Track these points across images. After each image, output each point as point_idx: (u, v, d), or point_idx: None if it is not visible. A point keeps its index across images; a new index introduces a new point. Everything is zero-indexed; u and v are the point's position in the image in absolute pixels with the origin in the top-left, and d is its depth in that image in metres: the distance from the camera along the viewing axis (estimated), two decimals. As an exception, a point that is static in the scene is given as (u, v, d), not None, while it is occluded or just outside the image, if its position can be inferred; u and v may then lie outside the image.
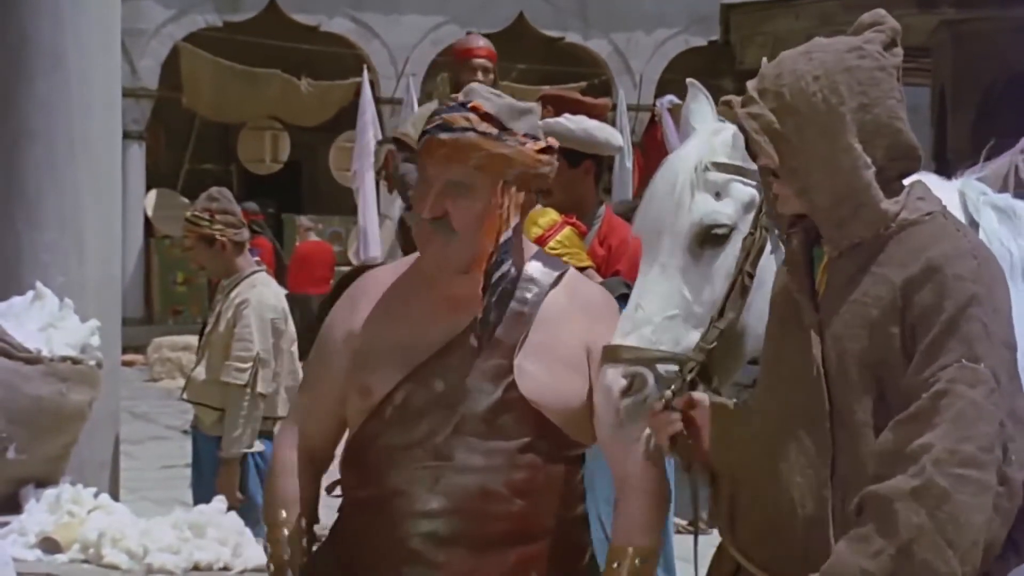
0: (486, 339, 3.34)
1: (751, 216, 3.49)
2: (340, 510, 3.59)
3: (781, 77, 2.99)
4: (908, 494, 2.77)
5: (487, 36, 26.55)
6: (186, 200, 17.16)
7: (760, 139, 2.95)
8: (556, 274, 3.46)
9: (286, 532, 3.56)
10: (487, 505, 3.31)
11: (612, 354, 3.38)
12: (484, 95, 3.38)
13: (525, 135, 3.36)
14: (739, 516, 3.09)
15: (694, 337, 3.41)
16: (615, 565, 3.37)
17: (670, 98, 20.86)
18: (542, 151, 3.38)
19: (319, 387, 3.58)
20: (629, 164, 18.18)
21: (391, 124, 23.99)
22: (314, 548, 3.60)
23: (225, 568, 5.39)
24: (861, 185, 2.97)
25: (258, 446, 7.37)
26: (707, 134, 3.59)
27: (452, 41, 26.81)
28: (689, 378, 3.34)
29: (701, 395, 3.27)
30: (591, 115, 5.92)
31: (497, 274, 3.34)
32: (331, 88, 24.54)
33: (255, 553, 5.51)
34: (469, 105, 3.34)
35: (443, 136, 3.31)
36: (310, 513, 3.61)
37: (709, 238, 3.47)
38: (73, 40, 6.83)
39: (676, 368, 3.37)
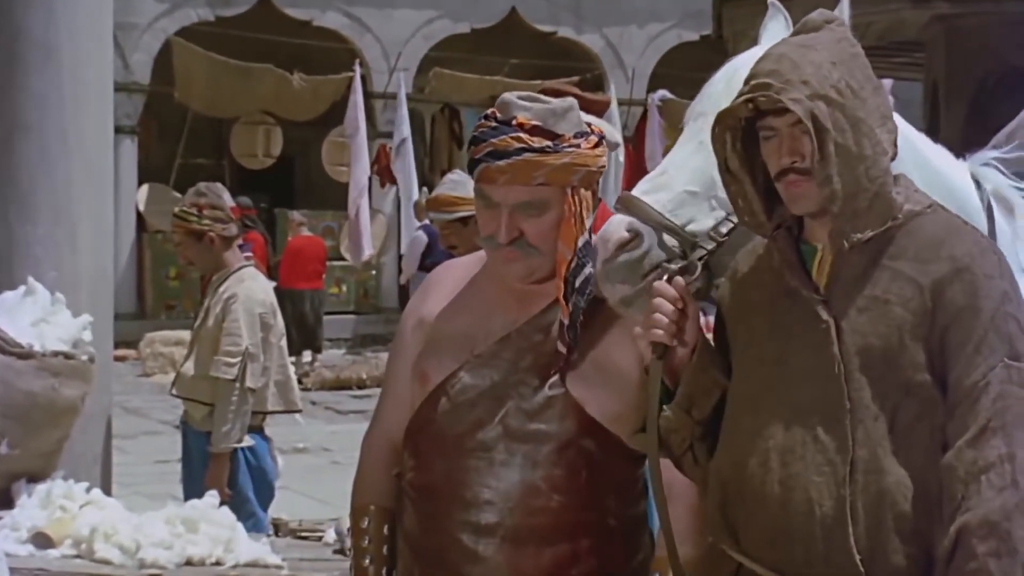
0: (573, 344, 3.32)
1: None
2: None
3: (800, 68, 2.95)
4: (1015, 509, 2.81)
5: (479, 30, 26.47)
6: (178, 195, 17.15)
7: (808, 124, 2.90)
8: None
9: (367, 521, 3.57)
10: (526, 499, 3.31)
11: (625, 203, 3.29)
12: (521, 105, 3.32)
13: (575, 136, 3.32)
14: (741, 520, 3.03)
15: (706, 223, 3.29)
16: (657, 575, 3.36)
17: (662, 93, 20.89)
18: (596, 145, 3.35)
19: (394, 376, 3.61)
20: (621, 158, 18.18)
21: (383, 119, 24.02)
22: (385, 528, 3.60)
23: (217, 563, 5.40)
24: (879, 172, 2.97)
25: (247, 441, 7.37)
26: (772, 36, 3.52)
27: (444, 36, 26.71)
28: (699, 267, 3.23)
29: (698, 307, 3.18)
30: (590, 111, 5.89)
31: (580, 278, 3.31)
32: (324, 83, 24.51)
33: (247, 548, 5.52)
34: (513, 122, 3.29)
35: (500, 163, 3.27)
36: (393, 501, 3.58)
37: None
38: (66, 34, 6.83)
39: (677, 244, 3.25)
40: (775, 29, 3.54)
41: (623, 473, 3.40)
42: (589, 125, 3.39)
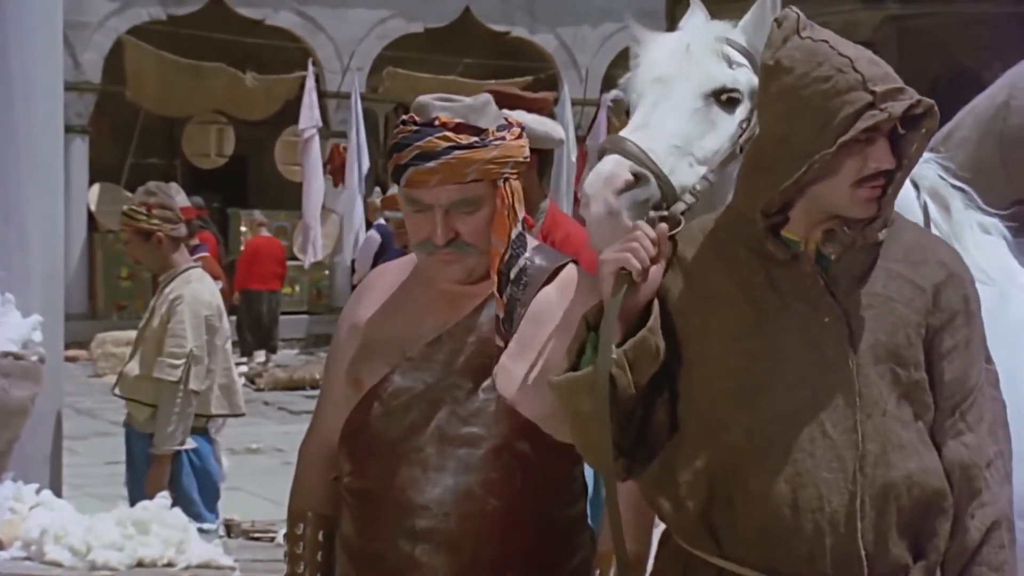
0: (510, 337, 3.29)
1: (752, 104, 3.46)
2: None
3: (891, 69, 2.98)
4: (1011, 503, 3.00)
5: (433, 30, 26.38)
6: (130, 195, 17.09)
7: (927, 127, 2.96)
8: (552, 269, 3.40)
9: (303, 527, 3.56)
10: (462, 504, 3.28)
11: (617, 145, 3.32)
12: (440, 105, 3.30)
13: (498, 129, 3.31)
14: (725, 522, 3.00)
15: (688, 178, 3.35)
16: (598, 572, 3.34)
17: (616, 93, 20.85)
18: (519, 136, 3.35)
19: (330, 381, 3.58)
20: (574, 158, 18.18)
21: (336, 118, 23.96)
22: (321, 535, 3.57)
23: (169, 564, 5.37)
24: (909, 174, 3.04)
25: (190, 443, 7.34)
26: (693, 26, 3.60)
27: (398, 35, 26.67)
28: (683, 221, 3.23)
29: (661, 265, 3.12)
30: (530, 109, 5.90)
31: (515, 269, 3.30)
32: (276, 82, 24.47)
33: (199, 549, 5.49)
34: (436, 122, 3.26)
35: (430, 164, 3.24)
36: (330, 507, 3.55)
37: (722, 99, 3.45)
38: (15, 33, 6.78)
39: (661, 196, 3.30)
40: (695, 23, 3.60)
41: (559, 473, 3.37)
42: (507, 119, 3.38)
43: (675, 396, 3.12)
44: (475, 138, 3.26)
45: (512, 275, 3.30)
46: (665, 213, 3.25)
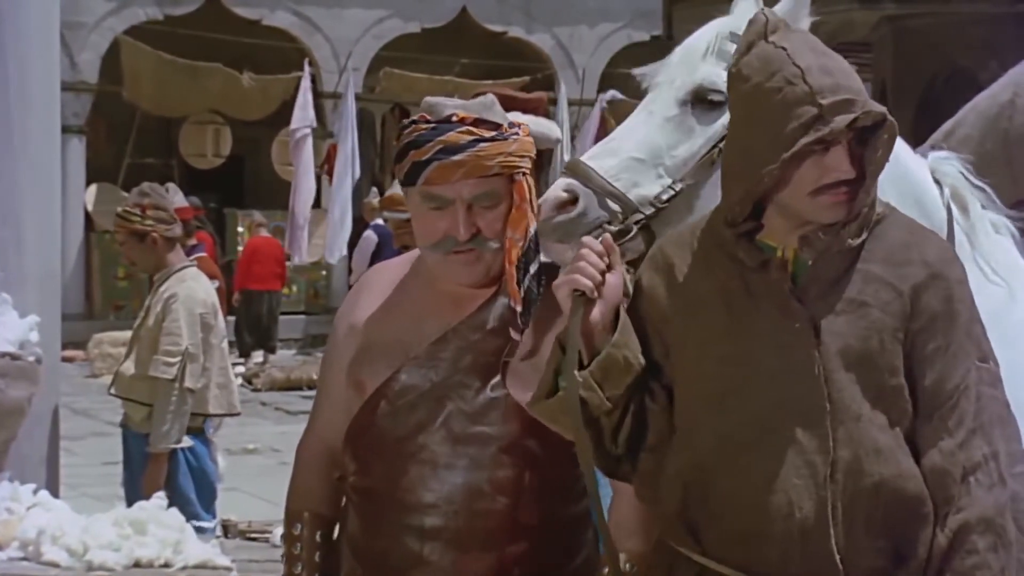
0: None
1: None
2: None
3: (854, 78, 2.95)
4: (1005, 505, 2.91)
5: (430, 30, 26.35)
6: (127, 195, 17.03)
7: (887, 136, 2.93)
8: (558, 268, 3.40)
9: (300, 527, 3.56)
10: (470, 502, 3.29)
11: (571, 167, 3.44)
12: (452, 103, 3.33)
13: (510, 125, 3.33)
14: (703, 521, 3.01)
15: (652, 189, 3.42)
16: (606, 571, 3.35)
17: (612, 93, 20.87)
18: (528, 134, 3.36)
19: (328, 381, 3.59)
20: (567, 157, 18.17)
21: (333, 118, 23.95)
22: (318, 535, 3.58)
23: (166, 565, 5.37)
24: (877, 179, 3.00)
25: (187, 442, 7.34)
26: (741, 14, 3.58)
27: (395, 36, 26.67)
28: (635, 229, 3.33)
29: (623, 274, 3.12)
30: (525, 110, 5.91)
31: (534, 264, 3.30)
32: (273, 82, 24.45)
33: (196, 550, 5.49)
34: (453, 119, 3.28)
35: (457, 157, 3.24)
36: (327, 507, 3.57)
37: (704, 100, 3.48)
38: (12, 33, 6.77)
39: (620, 210, 3.40)
40: (746, 10, 3.59)
41: (565, 472, 3.36)
42: (511, 120, 3.40)
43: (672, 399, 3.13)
44: (495, 131, 3.28)
45: (532, 269, 3.30)
46: (622, 226, 3.35)
